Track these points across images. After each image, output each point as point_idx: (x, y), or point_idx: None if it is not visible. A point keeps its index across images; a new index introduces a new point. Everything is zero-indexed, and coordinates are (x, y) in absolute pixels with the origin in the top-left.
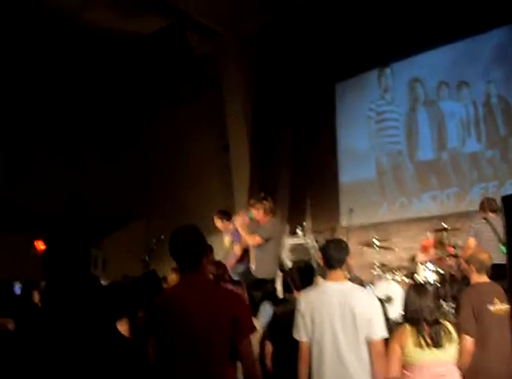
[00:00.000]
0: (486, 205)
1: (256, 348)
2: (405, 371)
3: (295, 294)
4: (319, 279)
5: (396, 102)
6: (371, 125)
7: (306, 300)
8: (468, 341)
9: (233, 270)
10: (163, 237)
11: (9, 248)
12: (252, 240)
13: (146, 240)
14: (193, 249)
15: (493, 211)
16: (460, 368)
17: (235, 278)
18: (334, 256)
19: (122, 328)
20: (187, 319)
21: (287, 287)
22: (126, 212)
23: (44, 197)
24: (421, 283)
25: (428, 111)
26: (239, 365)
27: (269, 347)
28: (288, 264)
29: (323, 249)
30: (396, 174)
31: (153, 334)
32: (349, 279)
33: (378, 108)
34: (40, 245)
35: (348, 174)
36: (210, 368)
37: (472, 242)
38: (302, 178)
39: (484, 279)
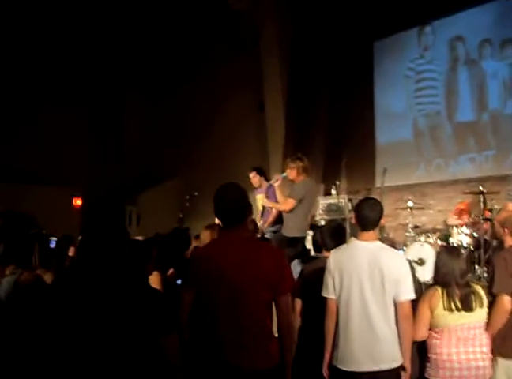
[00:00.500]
0: None
1: None
2: (433, 333)
3: (325, 253)
4: (352, 240)
5: (435, 61)
6: (410, 84)
7: (336, 258)
8: (506, 300)
9: (267, 228)
10: (196, 194)
11: (48, 202)
12: (286, 206)
13: (180, 197)
14: (240, 207)
15: None
16: (493, 328)
17: (268, 236)
18: (368, 216)
19: (154, 281)
20: (227, 274)
21: (317, 246)
22: (161, 169)
23: (82, 154)
24: (454, 246)
25: (469, 71)
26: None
27: (298, 304)
28: (322, 223)
29: (357, 209)
30: (433, 135)
31: (192, 287)
32: (380, 240)
33: (417, 67)
34: (78, 201)
35: (385, 134)
36: (250, 321)
37: (510, 206)
38: (338, 138)
39: None
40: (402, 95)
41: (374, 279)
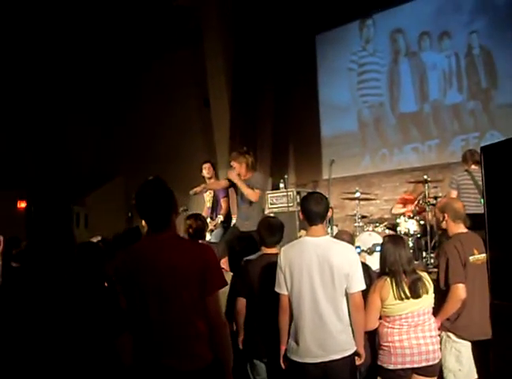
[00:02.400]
0: (468, 157)
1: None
2: (384, 322)
3: (264, 249)
4: (302, 233)
5: (377, 53)
6: (353, 77)
7: (286, 255)
8: (461, 289)
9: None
10: None
11: None
12: (254, 195)
13: (128, 197)
14: (162, 208)
15: (476, 163)
16: (444, 315)
17: (219, 231)
18: (314, 210)
19: None
20: (153, 273)
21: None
22: (108, 170)
23: (27, 156)
24: (398, 235)
25: (410, 63)
26: None
27: (239, 303)
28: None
29: (302, 204)
30: (377, 126)
31: (120, 285)
32: (338, 233)
33: (360, 60)
34: (22, 204)
35: (330, 127)
36: (176, 323)
37: (453, 193)
38: (283, 132)
39: (462, 228)
40: (346, 88)
41: (324, 274)
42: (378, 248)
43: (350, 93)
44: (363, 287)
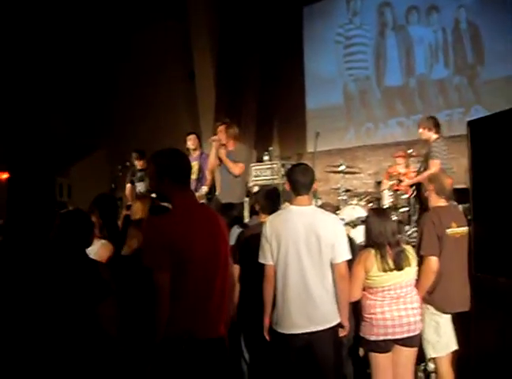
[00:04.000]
0: (435, 124)
1: None
2: (367, 294)
3: (262, 218)
4: (287, 205)
5: (364, 26)
6: (339, 50)
7: (272, 224)
8: (433, 261)
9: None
10: (128, 164)
11: None
12: (237, 168)
13: (112, 168)
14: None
15: (439, 129)
16: (421, 288)
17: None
18: (300, 181)
19: (105, 250)
20: (198, 248)
21: (253, 211)
22: (91, 140)
23: (8, 128)
24: (382, 207)
25: (397, 37)
26: None
27: (236, 270)
28: (255, 189)
29: (289, 174)
30: (363, 100)
31: (167, 269)
32: (322, 205)
33: (347, 33)
34: (3, 175)
35: (315, 99)
36: (220, 289)
37: (436, 163)
38: (268, 104)
39: (443, 202)
40: (332, 61)
41: (311, 243)
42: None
43: (336, 66)
44: (349, 256)
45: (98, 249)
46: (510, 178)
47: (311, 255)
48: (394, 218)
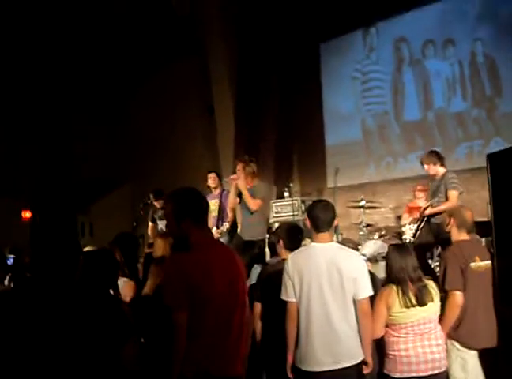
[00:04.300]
0: (438, 157)
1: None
2: (390, 330)
3: (283, 255)
4: (307, 241)
5: (381, 62)
6: (357, 85)
7: (294, 261)
8: (458, 296)
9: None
10: (149, 201)
11: None
12: (255, 204)
13: (133, 206)
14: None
15: (443, 161)
16: (446, 323)
17: (223, 240)
18: (321, 217)
19: (128, 289)
20: (218, 286)
21: (274, 249)
22: (112, 178)
23: (31, 166)
24: (403, 243)
25: (414, 71)
26: None
27: (258, 308)
28: (275, 226)
29: (309, 211)
30: (382, 135)
31: (185, 308)
32: (342, 241)
33: (364, 68)
34: (27, 214)
35: (334, 135)
36: (239, 329)
37: (456, 194)
38: (288, 140)
39: (464, 236)
40: (350, 96)
41: (333, 280)
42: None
43: (354, 101)
44: (371, 292)
45: (122, 288)
46: None
47: (334, 291)
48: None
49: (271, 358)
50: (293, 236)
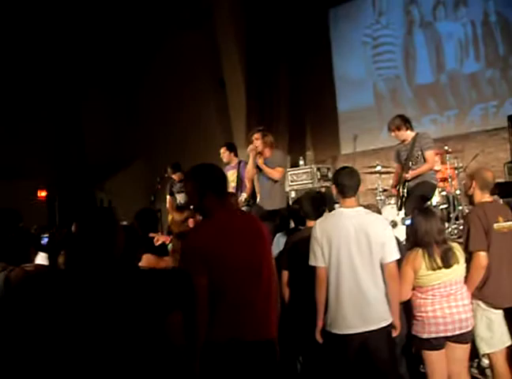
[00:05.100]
0: (404, 120)
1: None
2: (417, 293)
3: (308, 223)
4: (336, 208)
5: (391, 26)
6: (367, 50)
7: (321, 227)
8: (482, 256)
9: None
10: (166, 175)
11: (12, 195)
12: (277, 172)
13: (149, 181)
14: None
15: (411, 124)
16: (471, 284)
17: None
18: (347, 183)
19: (150, 263)
20: (239, 251)
21: (297, 218)
22: (126, 154)
23: (44, 145)
24: (428, 207)
25: (425, 33)
26: None
27: (285, 276)
28: (292, 194)
29: (335, 178)
30: (394, 99)
31: (205, 274)
32: (367, 206)
33: (374, 33)
34: (42, 193)
35: (346, 101)
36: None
37: (431, 154)
38: (300, 109)
39: (487, 197)
40: (361, 62)
41: (361, 244)
42: (408, 221)
43: (365, 67)
44: (398, 256)
45: (142, 262)
46: None
47: (362, 255)
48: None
49: (299, 325)
50: (316, 205)
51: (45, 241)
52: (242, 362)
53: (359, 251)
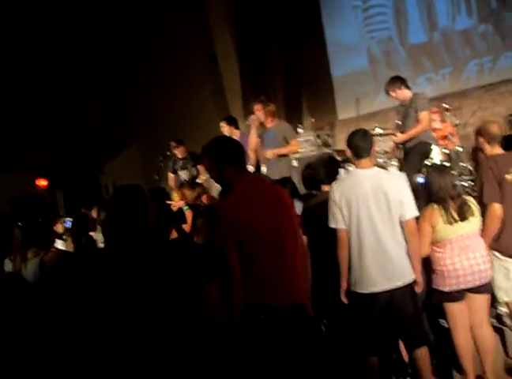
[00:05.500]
0: (401, 81)
1: None
2: (435, 247)
3: (323, 187)
4: (351, 169)
5: None
6: (358, 14)
7: (339, 189)
8: (496, 207)
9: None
10: (168, 153)
11: (11, 186)
12: (295, 147)
13: (148, 160)
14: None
15: (408, 84)
16: (487, 235)
17: None
18: (361, 145)
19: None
20: (265, 222)
21: (311, 183)
22: (122, 136)
23: (42, 134)
24: (441, 163)
25: None
26: None
27: (304, 240)
28: (294, 163)
29: (349, 140)
30: (388, 61)
31: (235, 247)
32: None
33: None
34: (42, 182)
35: (341, 67)
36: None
37: (425, 115)
38: (294, 77)
39: (498, 150)
40: (352, 26)
41: (380, 203)
42: (420, 179)
43: (357, 31)
44: (417, 213)
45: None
46: None
47: (382, 214)
48: None
49: (322, 288)
50: (330, 169)
51: (68, 224)
52: (273, 326)
53: (379, 210)
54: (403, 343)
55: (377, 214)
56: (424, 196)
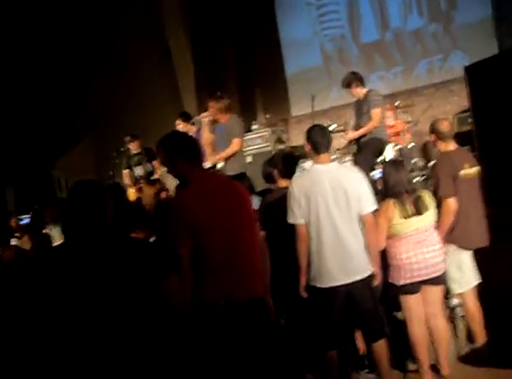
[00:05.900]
0: (359, 78)
1: None
2: (392, 241)
3: (280, 182)
4: (310, 165)
5: None
6: (312, 11)
7: (298, 184)
8: (451, 202)
9: None
10: (122, 149)
11: None
12: (236, 147)
13: (102, 156)
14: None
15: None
16: (442, 228)
17: None
18: (320, 141)
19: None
20: (219, 216)
21: (269, 178)
22: (75, 131)
23: None
24: (396, 159)
25: None
26: None
27: (262, 235)
28: (248, 159)
29: (308, 136)
30: (341, 58)
31: (189, 240)
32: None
33: None
34: None
35: (295, 64)
36: (248, 256)
37: (377, 112)
38: (248, 74)
39: (451, 146)
40: (306, 23)
41: (339, 198)
42: (377, 175)
43: (311, 28)
44: (375, 207)
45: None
46: (510, 116)
47: (340, 209)
48: None
49: (280, 283)
50: (289, 164)
51: (26, 221)
52: (232, 320)
53: (337, 205)
54: (362, 335)
55: (336, 209)
56: (381, 191)
